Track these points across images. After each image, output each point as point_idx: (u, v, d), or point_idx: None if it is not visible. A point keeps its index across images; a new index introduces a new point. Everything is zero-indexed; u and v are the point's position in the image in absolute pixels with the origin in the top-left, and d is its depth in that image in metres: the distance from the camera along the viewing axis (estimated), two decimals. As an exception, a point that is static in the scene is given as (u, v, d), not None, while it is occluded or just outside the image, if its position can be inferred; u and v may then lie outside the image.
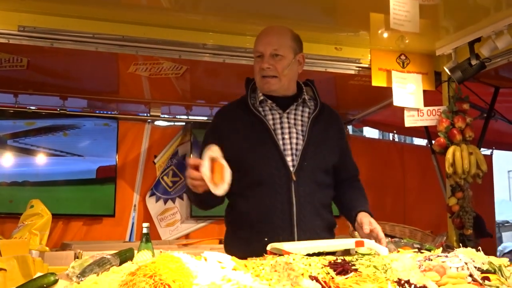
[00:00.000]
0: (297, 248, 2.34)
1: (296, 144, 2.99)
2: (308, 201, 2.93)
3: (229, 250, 2.95)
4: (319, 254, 2.37)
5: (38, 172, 6.00)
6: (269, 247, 2.47)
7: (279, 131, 3.00)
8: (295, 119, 3.05)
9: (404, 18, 3.93)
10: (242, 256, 2.27)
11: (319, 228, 2.95)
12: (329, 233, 3.07)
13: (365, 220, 2.87)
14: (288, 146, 2.97)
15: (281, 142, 2.97)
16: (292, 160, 2.95)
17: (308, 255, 2.29)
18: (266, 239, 2.63)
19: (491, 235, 6.67)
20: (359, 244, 2.53)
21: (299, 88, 3.14)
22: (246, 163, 2.94)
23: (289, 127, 3.01)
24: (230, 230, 3.13)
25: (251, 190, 2.94)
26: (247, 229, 2.94)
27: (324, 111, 3.13)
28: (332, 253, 2.44)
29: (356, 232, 3.02)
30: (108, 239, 5.96)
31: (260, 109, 3.05)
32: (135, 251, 2.36)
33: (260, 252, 2.41)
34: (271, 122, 3.01)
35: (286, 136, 2.99)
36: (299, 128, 3.03)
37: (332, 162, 3.07)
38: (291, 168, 2.93)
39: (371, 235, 2.81)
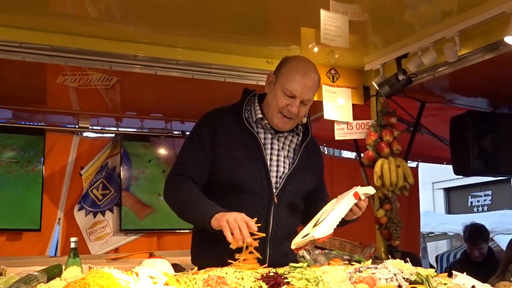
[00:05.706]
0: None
1: (284, 168, 3.03)
2: (284, 224, 2.99)
3: (197, 262, 2.91)
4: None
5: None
6: (293, 245, 2.63)
7: (268, 152, 3.02)
8: (284, 143, 3.09)
9: (334, 33, 3.98)
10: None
11: (288, 250, 2.91)
12: (295, 255, 3.12)
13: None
14: (274, 168, 3.01)
15: (268, 163, 2.98)
16: (276, 182, 2.98)
17: None
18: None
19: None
20: (356, 196, 2.76)
21: None
22: (233, 176, 2.93)
23: (278, 150, 3.04)
24: (200, 241, 3.07)
25: (231, 203, 2.87)
26: (219, 243, 2.73)
27: (310, 140, 3.18)
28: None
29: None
30: (31, 254, 5.74)
31: (254, 125, 3.03)
32: (63, 267, 2.30)
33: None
34: (262, 141, 3.01)
35: (274, 158, 3.02)
36: (286, 153, 3.07)
37: (310, 189, 3.16)
38: (274, 190, 2.96)
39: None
